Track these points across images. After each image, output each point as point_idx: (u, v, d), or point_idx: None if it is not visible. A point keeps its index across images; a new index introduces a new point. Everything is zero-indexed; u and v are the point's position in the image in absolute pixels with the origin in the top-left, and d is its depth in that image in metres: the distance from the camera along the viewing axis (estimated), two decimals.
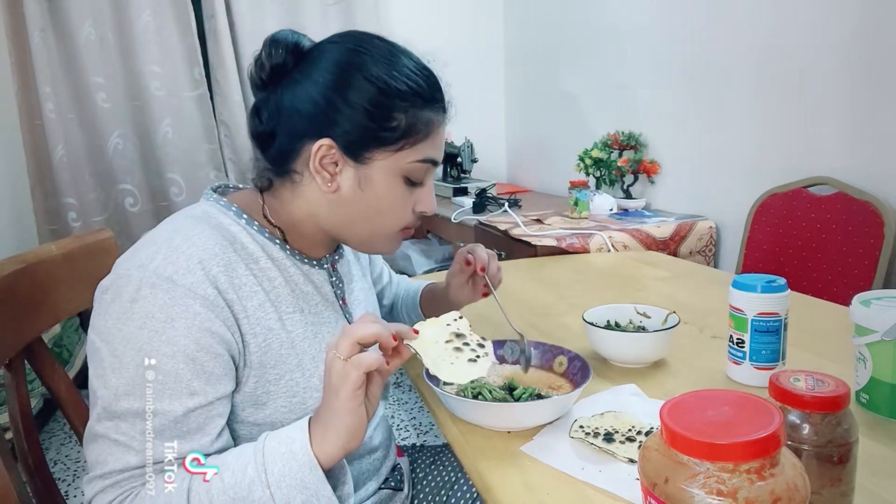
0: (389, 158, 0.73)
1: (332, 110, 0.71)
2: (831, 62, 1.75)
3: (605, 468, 0.67)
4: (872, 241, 1.63)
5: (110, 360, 0.63)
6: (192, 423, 0.64)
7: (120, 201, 2.93)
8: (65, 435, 2.40)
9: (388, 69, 0.72)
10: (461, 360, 0.68)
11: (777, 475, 0.44)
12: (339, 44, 0.75)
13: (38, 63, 2.67)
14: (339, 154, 0.72)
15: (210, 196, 0.77)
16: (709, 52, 2.16)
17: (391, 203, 0.75)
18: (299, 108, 0.73)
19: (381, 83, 0.71)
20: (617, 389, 0.86)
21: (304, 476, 0.62)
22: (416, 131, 0.73)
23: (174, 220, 0.73)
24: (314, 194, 0.75)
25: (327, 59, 0.73)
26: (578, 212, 2.31)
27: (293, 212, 0.77)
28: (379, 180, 0.73)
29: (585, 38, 2.82)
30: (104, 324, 0.64)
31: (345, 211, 0.75)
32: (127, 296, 0.64)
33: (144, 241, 0.70)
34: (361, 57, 0.72)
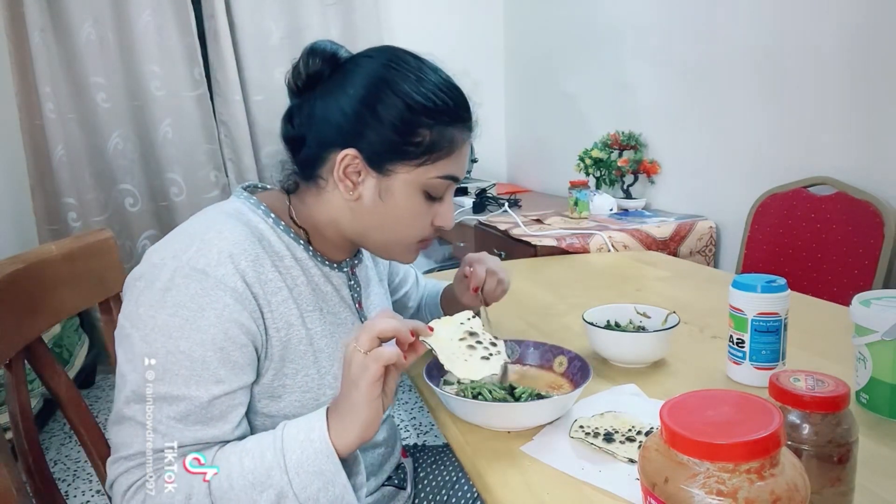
0: (411, 172, 0.75)
1: (360, 122, 0.73)
2: (832, 62, 1.75)
3: (604, 468, 0.67)
4: (872, 241, 1.63)
5: (141, 345, 0.65)
6: (216, 410, 0.67)
7: (120, 201, 2.93)
8: (65, 435, 2.40)
9: (417, 86, 0.74)
10: (474, 358, 0.71)
11: (777, 475, 0.44)
12: (372, 58, 0.77)
13: (38, 63, 2.67)
14: (363, 164, 0.74)
15: (240, 194, 0.80)
16: (709, 52, 2.16)
17: (409, 215, 0.77)
18: (329, 118, 0.75)
19: (408, 99, 0.73)
20: (617, 389, 0.86)
21: (321, 463, 0.64)
22: (439, 148, 0.75)
23: (207, 215, 0.75)
24: (337, 201, 0.77)
25: (360, 73, 0.75)
26: (578, 212, 2.31)
27: (316, 215, 0.79)
28: (399, 192, 0.75)
29: (585, 38, 2.82)
30: (136, 310, 0.66)
31: (365, 219, 0.77)
32: (160, 284, 0.66)
33: (178, 233, 0.72)
34: (391, 72, 0.75)
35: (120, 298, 0.98)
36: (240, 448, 0.66)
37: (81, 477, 2.13)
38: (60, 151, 2.77)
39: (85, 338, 2.71)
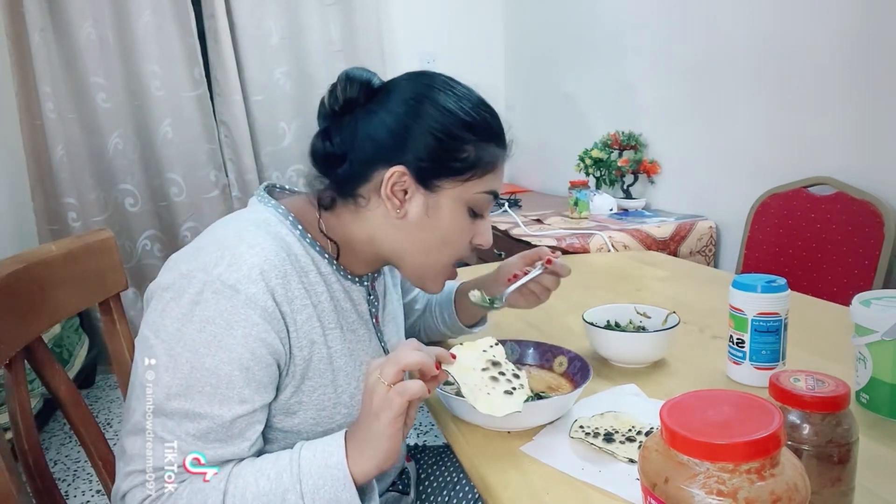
0: (458, 188, 0.75)
1: (407, 139, 0.74)
2: (832, 62, 1.75)
3: (604, 468, 0.67)
4: (872, 241, 1.63)
5: (165, 358, 0.64)
6: (236, 429, 0.66)
7: (120, 201, 2.93)
8: (65, 435, 2.40)
9: (459, 103, 0.76)
10: (497, 391, 0.70)
11: (777, 475, 0.44)
12: (411, 80, 0.78)
13: (38, 63, 2.67)
14: (411, 181, 0.74)
15: (266, 200, 0.78)
16: (709, 53, 2.16)
17: (455, 232, 0.77)
18: (374, 136, 0.75)
19: (453, 116, 0.75)
20: (617, 389, 0.86)
21: (337, 491, 0.64)
22: (484, 163, 0.76)
23: (237, 224, 0.73)
24: (378, 219, 0.77)
25: (402, 92, 0.76)
26: (578, 212, 2.31)
27: (352, 233, 0.78)
28: (446, 209, 0.76)
29: (585, 38, 2.82)
30: (161, 321, 0.65)
31: (408, 237, 0.77)
32: (188, 297, 0.65)
33: (207, 243, 0.70)
34: (434, 91, 0.76)
35: (120, 298, 0.98)
36: (256, 467, 0.65)
37: (81, 477, 2.13)
38: (60, 151, 2.77)
39: (85, 338, 2.71)
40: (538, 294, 0.95)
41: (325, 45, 3.09)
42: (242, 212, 0.78)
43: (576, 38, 2.88)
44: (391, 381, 0.63)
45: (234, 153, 3.03)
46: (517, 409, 0.69)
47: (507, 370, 0.74)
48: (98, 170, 2.87)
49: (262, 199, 0.79)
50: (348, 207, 0.78)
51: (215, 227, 0.74)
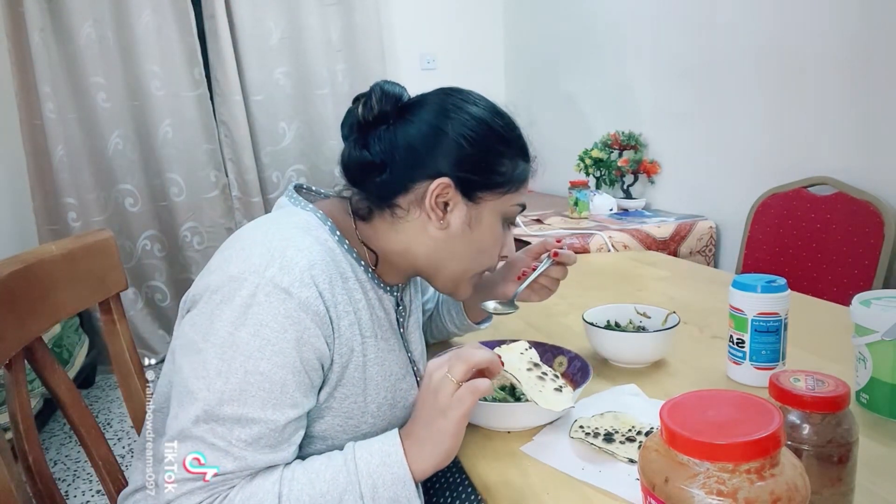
0: (498, 200, 0.78)
1: (451, 151, 0.75)
2: (831, 62, 1.75)
3: (604, 468, 0.68)
4: (872, 241, 1.63)
5: (217, 363, 0.63)
6: (286, 434, 0.66)
7: (120, 201, 2.93)
8: (65, 435, 2.40)
9: (494, 119, 0.78)
10: (548, 389, 0.74)
11: (777, 475, 0.44)
12: (445, 94, 0.79)
13: (38, 63, 2.67)
14: (455, 193, 0.75)
15: (301, 203, 0.78)
16: (709, 53, 2.16)
17: (492, 242, 0.80)
18: (415, 147, 0.75)
19: (493, 130, 0.77)
20: (617, 389, 0.86)
21: (397, 490, 0.64)
22: (518, 177, 0.79)
23: (280, 226, 0.72)
24: (415, 230, 0.77)
25: (438, 105, 0.77)
26: (578, 212, 2.31)
27: (388, 244, 0.78)
28: (486, 220, 0.78)
29: (585, 38, 2.82)
30: (210, 325, 0.64)
31: (448, 248, 0.77)
32: (240, 300, 0.64)
33: (253, 244, 0.69)
34: (469, 105, 0.78)
35: (120, 298, 0.98)
36: (308, 469, 0.65)
37: (81, 477, 2.13)
38: (60, 151, 2.77)
39: (85, 338, 2.71)
40: (548, 286, 0.95)
41: (325, 46, 3.09)
42: (281, 214, 0.76)
43: (576, 38, 2.88)
44: (460, 378, 0.65)
45: (234, 153, 3.03)
46: (572, 403, 0.73)
47: (548, 371, 0.78)
48: (98, 170, 2.87)
49: (297, 202, 0.78)
50: (385, 218, 0.77)
51: (256, 228, 0.73)
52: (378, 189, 0.77)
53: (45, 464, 0.82)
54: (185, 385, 0.64)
